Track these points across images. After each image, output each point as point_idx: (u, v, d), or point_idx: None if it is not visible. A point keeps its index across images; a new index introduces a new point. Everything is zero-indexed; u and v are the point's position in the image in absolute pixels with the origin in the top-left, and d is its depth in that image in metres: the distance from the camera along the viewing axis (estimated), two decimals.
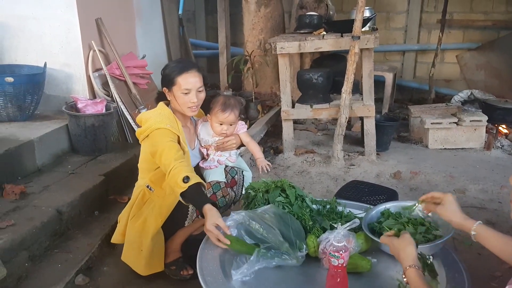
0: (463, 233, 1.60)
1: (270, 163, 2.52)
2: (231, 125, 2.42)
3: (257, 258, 1.75)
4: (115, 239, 2.36)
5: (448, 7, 5.28)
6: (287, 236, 1.85)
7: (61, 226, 2.56)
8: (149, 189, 2.25)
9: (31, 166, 3.00)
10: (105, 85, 3.69)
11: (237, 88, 5.47)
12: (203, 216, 1.93)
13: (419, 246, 1.72)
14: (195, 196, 1.97)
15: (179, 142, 2.18)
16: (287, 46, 3.74)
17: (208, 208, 1.91)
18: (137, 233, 2.21)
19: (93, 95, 3.65)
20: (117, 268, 2.35)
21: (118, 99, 3.64)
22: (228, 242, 1.81)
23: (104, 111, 3.40)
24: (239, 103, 2.48)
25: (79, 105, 3.35)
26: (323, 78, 3.90)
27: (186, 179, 1.94)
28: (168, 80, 2.26)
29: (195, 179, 1.96)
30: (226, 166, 2.49)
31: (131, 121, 3.66)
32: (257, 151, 2.56)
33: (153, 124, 2.15)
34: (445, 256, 1.81)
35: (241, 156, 2.74)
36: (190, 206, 2.25)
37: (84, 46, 3.54)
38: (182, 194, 1.96)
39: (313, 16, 4.27)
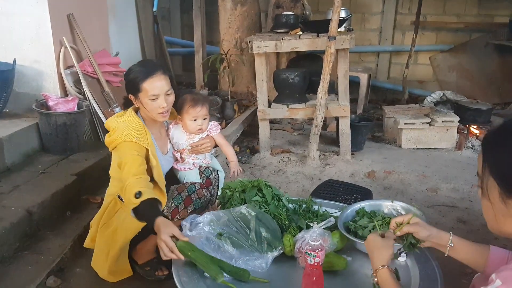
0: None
1: (241, 169, 2.52)
2: (204, 119, 2.39)
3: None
4: (87, 243, 2.32)
5: (422, 9, 5.37)
6: (263, 235, 1.85)
7: (31, 227, 2.49)
8: (120, 199, 2.18)
9: (0, 166, 2.91)
10: (77, 83, 3.61)
11: (213, 87, 5.44)
12: (155, 233, 1.81)
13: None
14: (147, 211, 1.87)
15: (148, 156, 2.10)
16: (264, 45, 3.74)
17: (161, 220, 1.80)
18: (106, 241, 2.17)
19: (65, 93, 3.57)
20: (90, 269, 2.29)
21: (91, 97, 3.57)
22: (182, 258, 1.71)
23: (76, 109, 3.33)
24: (207, 98, 2.46)
25: (50, 103, 3.27)
26: (299, 78, 3.91)
27: (138, 194, 1.85)
28: (132, 87, 2.14)
29: (148, 194, 1.87)
30: (201, 166, 2.47)
31: (103, 119, 3.59)
32: (231, 154, 2.54)
33: (120, 136, 2.07)
34: (418, 254, 1.84)
35: (216, 156, 2.72)
36: (165, 208, 2.22)
37: (55, 42, 3.45)
38: (135, 211, 1.87)
39: (290, 15, 4.28)
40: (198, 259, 1.71)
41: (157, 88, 2.10)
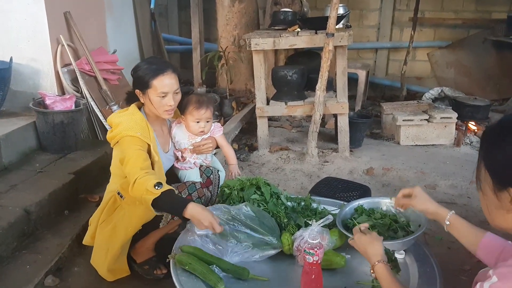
0: (434, 227, 1.64)
1: (239, 173, 2.53)
2: (207, 122, 2.39)
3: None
4: (86, 241, 2.31)
5: (420, 6, 5.36)
6: (260, 233, 1.85)
7: (29, 226, 2.49)
8: (120, 196, 2.17)
9: None
10: (74, 81, 3.59)
11: (211, 85, 5.42)
12: (184, 220, 1.87)
13: (390, 242, 1.75)
14: (171, 200, 1.89)
15: (150, 151, 2.10)
16: (262, 42, 3.73)
17: (195, 204, 1.86)
18: (105, 238, 2.16)
19: (62, 91, 3.55)
20: (88, 268, 2.29)
21: (88, 95, 3.55)
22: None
23: (73, 107, 3.31)
24: (212, 100, 2.45)
25: (47, 102, 3.25)
26: (297, 75, 3.90)
27: (158, 185, 1.86)
28: (141, 83, 2.14)
29: (167, 186, 1.90)
30: (201, 165, 2.46)
31: (101, 118, 3.58)
32: (232, 157, 2.54)
33: (123, 131, 2.07)
34: (417, 251, 1.84)
35: (215, 154, 2.71)
36: None
37: (52, 40, 3.44)
38: (154, 203, 1.87)
39: (288, 12, 4.27)
40: (196, 270, 1.71)
41: (167, 86, 2.13)
